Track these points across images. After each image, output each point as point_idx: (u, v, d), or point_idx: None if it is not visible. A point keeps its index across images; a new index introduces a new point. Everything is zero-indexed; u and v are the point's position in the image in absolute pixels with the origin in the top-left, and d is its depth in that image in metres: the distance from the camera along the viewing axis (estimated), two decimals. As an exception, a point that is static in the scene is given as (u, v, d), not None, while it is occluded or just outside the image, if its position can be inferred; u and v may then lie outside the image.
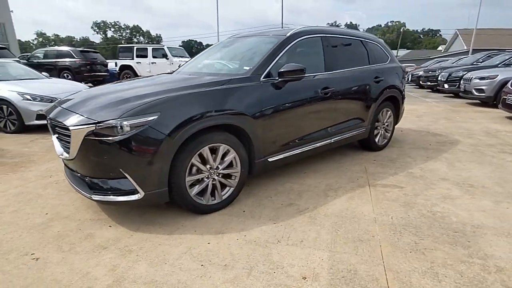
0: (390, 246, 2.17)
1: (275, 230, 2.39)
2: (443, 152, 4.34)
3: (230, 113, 2.55)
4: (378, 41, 4.34)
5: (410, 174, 3.52)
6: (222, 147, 2.59)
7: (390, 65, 4.34)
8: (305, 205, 2.78)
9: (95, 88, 2.97)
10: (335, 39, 3.66)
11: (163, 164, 2.27)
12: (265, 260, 2.03)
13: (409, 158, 4.07)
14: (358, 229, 2.39)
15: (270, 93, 2.87)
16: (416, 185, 3.20)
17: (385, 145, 4.49)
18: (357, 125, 3.86)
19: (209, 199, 2.63)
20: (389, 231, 2.35)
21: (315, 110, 3.28)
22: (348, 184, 3.25)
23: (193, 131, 2.35)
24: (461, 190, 3.07)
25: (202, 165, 2.52)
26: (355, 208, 2.73)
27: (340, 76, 3.53)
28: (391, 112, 4.39)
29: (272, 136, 2.92)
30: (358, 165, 3.84)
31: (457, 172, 3.56)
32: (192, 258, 2.06)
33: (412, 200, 2.87)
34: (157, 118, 2.22)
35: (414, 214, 2.61)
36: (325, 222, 2.49)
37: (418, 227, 2.41)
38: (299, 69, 2.87)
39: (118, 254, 2.12)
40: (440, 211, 2.65)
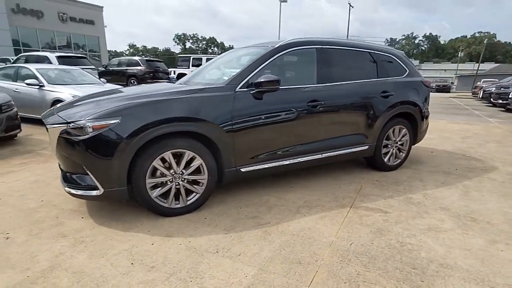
0: (327, 273, 2.00)
1: (222, 240, 2.37)
2: (466, 179, 3.81)
3: (193, 120, 2.62)
4: (393, 53, 4.02)
5: (408, 199, 3.17)
6: (187, 153, 2.67)
7: (406, 79, 3.98)
8: (268, 220, 2.71)
9: (90, 95, 3.29)
10: (335, 51, 3.50)
11: (122, 165, 2.44)
12: (191, 268, 2.04)
13: (419, 182, 3.66)
14: (306, 251, 2.25)
15: (246, 103, 2.87)
16: (405, 212, 2.88)
17: (398, 165, 4.11)
18: (358, 142, 3.62)
19: (172, 203, 2.72)
20: (338, 257, 2.17)
21: (300, 123, 3.17)
22: (330, 203, 3.06)
23: (152, 135, 2.48)
24: (456, 223, 2.68)
25: (165, 169, 2.62)
26: (319, 228, 2.57)
27: (334, 89, 3.36)
28: (406, 130, 4.00)
29: (245, 147, 2.91)
30: (355, 184, 3.58)
31: (466, 203, 3.10)
32: (128, 256, 2.17)
33: (388, 227, 2.59)
34: (118, 122, 2.40)
35: (380, 243, 2.36)
36: (276, 239, 2.40)
37: (374, 257, 2.17)
38: (275, 80, 2.83)
39: (70, 243, 2.32)
40: (412, 244, 2.35)
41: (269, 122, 2.98)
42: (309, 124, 3.24)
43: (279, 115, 3.03)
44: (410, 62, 4.15)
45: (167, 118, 2.52)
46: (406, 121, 4.00)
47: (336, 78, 3.44)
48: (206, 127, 2.67)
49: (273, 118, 3.00)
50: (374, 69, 3.76)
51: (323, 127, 3.32)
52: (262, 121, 2.94)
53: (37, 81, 6.85)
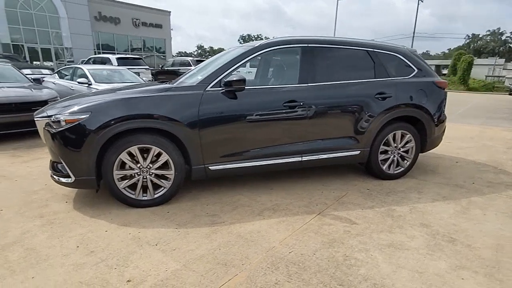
0: (245, 278, 1.96)
1: (168, 234, 2.46)
2: (478, 194, 3.32)
3: (156, 118, 2.74)
4: (399, 51, 3.65)
5: (389, 211, 2.90)
6: (153, 149, 2.81)
7: (412, 80, 3.60)
8: (225, 219, 2.71)
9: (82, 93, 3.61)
10: (324, 49, 3.32)
11: (89, 156, 2.67)
12: (123, 257, 2.16)
13: (416, 194, 3.30)
14: (240, 253, 2.22)
15: (215, 102, 2.91)
16: (375, 225, 2.64)
17: (401, 174, 3.74)
18: (346, 146, 3.40)
19: (140, 195, 2.89)
20: (267, 264, 2.10)
21: (274, 124, 3.09)
22: (299, 208, 2.95)
23: (117, 130, 2.66)
24: (426, 242, 2.38)
25: (132, 163, 2.80)
26: (269, 233, 2.50)
27: (317, 89, 3.20)
28: (410, 135, 3.63)
29: (213, 145, 2.94)
30: (341, 190, 3.37)
31: (457, 221, 2.72)
32: (79, 240, 2.38)
33: (344, 239, 2.41)
34: (87, 117, 2.64)
35: (323, 254, 2.22)
36: (219, 239, 2.40)
37: (305, 268, 2.06)
38: (240, 79, 2.82)
39: (41, 223, 2.62)
40: (358, 259, 2.16)
41: (240, 122, 2.98)
42: (285, 125, 3.14)
43: (251, 115, 3.00)
44: (421, 61, 3.74)
45: (130, 115, 2.68)
46: (411, 126, 3.62)
47: (322, 78, 3.27)
48: (170, 124, 2.78)
49: (244, 118, 2.98)
50: (371, 68, 3.48)
51: (302, 129, 3.19)
52: (231, 120, 2.95)
53: (87, 79, 7.70)
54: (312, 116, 3.18)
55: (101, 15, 30.94)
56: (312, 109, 3.16)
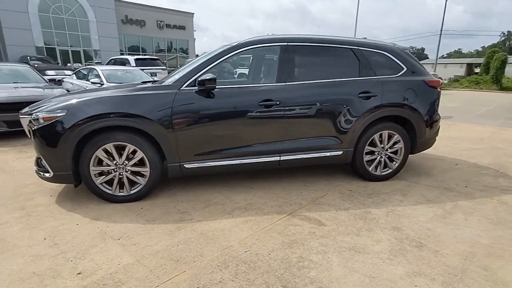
0: (191, 275, 1.97)
1: (133, 230, 2.52)
2: (467, 198, 3.14)
3: (129, 116, 2.81)
4: (387, 49, 3.51)
5: (364, 214, 2.80)
6: (128, 147, 2.88)
7: (400, 79, 3.46)
8: (194, 217, 2.74)
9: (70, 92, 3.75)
10: (304, 48, 3.27)
11: (66, 152, 2.78)
12: (83, 250, 2.24)
13: (399, 197, 3.17)
14: (195, 251, 2.23)
15: (189, 101, 2.94)
16: (343, 227, 2.56)
17: (389, 176, 3.61)
18: (328, 146, 3.32)
19: (116, 191, 2.97)
20: (218, 262, 2.10)
21: (249, 122, 3.08)
22: (271, 207, 2.92)
23: (92, 128, 2.76)
24: (391, 246, 2.28)
25: (108, 160, 2.89)
26: (232, 232, 2.49)
27: (295, 88, 3.15)
28: (398, 136, 3.49)
29: (188, 143, 2.98)
30: (321, 191, 3.30)
31: (433, 226, 2.58)
32: (49, 232, 2.48)
33: (305, 241, 2.36)
34: (64, 115, 2.75)
35: (278, 255, 2.18)
36: (181, 236, 2.43)
37: (255, 268, 2.04)
38: (211, 78, 2.83)
39: (20, 215, 2.76)
40: (312, 261, 2.11)
41: (214, 121, 2.99)
42: (261, 124, 3.12)
43: (225, 114, 3.01)
44: (411, 59, 3.58)
45: (104, 113, 2.76)
46: (399, 126, 3.48)
47: (302, 77, 3.22)
48: (143, 122, 2.83)
49: (218, 117, 3.00)
50: (355, 67, 3.38)
51: (279, 128, 3.15)
52: (205, 119, 2.97)
53: (99, 80, 8.02)
54: (289, 115, 3.13)
55: (127, 18, 32.02)
56: (289, 108, 3.12)
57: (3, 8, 24.68)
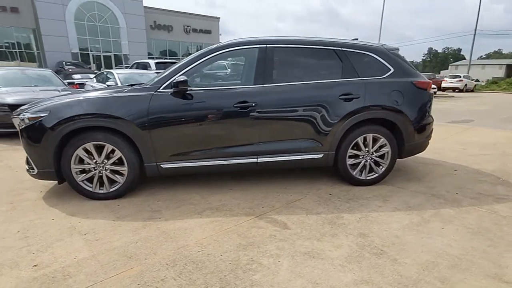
0: (137, 272, 2.02)
1: (102, 226, 2.61)
2: (453, 206, 2.96)
3: (106, 117, 2.92)
4: (373, 50, 3.39)
5: (335, 219, 2.72)
6: (107, 146, 3.00)
7: (387, 80, 3.33)
8: (164, 215, 2.79)
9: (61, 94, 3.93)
10: (284, 50, 3.24)
11: (48, 150, 2.93)
12: (48, 244, 2.34)
13: (380, 202, 3.04)
14: (151, 248, 2.28)
15: (165, 103, 3.00)
16: (307, 232, 2.51)
17: (375, 180, 3.47)
18: (307, 149, 3.26)
19: (96, 188, 3.10)
20: (168, 260, 2.13)
21: (225, 124, 3.09)
22: (242, 209, 2.91)
23: (72, 128, 2.89)
24: (349, 253, 2.20)
25: (88, 158, 3.02)
26: (194, 232, 2.52)
27: (272, 90, 3.13)
28: (384, 139, 3.36)
29: (164, 144, 3.04)
30: (299, 194, 3.25)
31: (402, 233, 2.46)
32: (25, 225, 2.63)
33: (263, 244, 2.34)
34: (46, 116, 2.91)
35: (229, 256, 2.18)
36: (144, 233, 2.48)
37: (201, 268, 2.05)
38: (183, 80, 2.88)
39: (6, 209, 2.95)
40: (261, 264, 2.09)
41: (189, 122, 3.04)
42: (237, 126, 3.12)
43: (200, 115, 3.05)
44: (399, 60, 3.44)
45: (82, 114, 2.89)
46: (385, 129, 3.35)
47: (280, 79, 3.19)
48: (120, 123, 2.94)
49: (194, 119, 3.04)
50: (338, 68, 3.30)
51: (256, 130, 3.14)
52: (181, 121, 3.03)
53: (114, 82, 8.38)
54: (265, 117, 3.12)
55: (155, 24, 33.18)
56: (265, 110, 3.10)
57: (43, 17, 26.44)
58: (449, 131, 6.83)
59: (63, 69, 21.75)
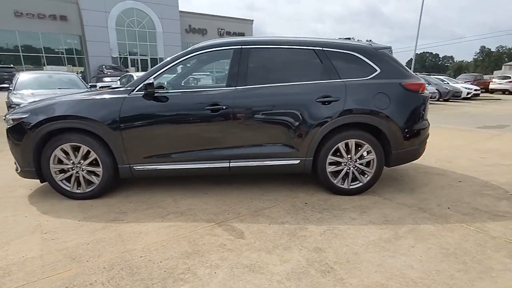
0: (73, 274, 2.02)
1: (65, 225, 2.67)
2: (437, 223, 2.65)
3: (80, 119, 2.99)
4: (357, 49, 3.15)
5: (297, 230, 2.55)
6: (82, 147, 3.08)
7: (371, 82, 3.08)
8: (127, 218, 2.79)
9: None
10: (260, 51, 3.12)
11: (27, 150, 3.06)
12: (8, 240, 2.43)
13: (355, 214, 2.81)
14: (99, 250, 2.28)
15: (137, 105, 3.01)
16: (261, 242, 2.37)
17: (360, 190, 3.22)
18: (283, 154, 3.11)
19: (74, 188, 3.20)
20: (108, 264, 2.11)
21: (196, 127, 3.04)
22: (207, 215, 2.84)
23: (49, 129, 3.00)
24: (294, 269, 2.04)
25: (65, 159, 3.12)
26: (148, 236, 2.49)
27: (245, 92, 3.02)
28: (369, 146, 3.11)
29: (136, 146, 3.06)
30: (273, 201, 3.10)
31: (364, 250, 2.24)
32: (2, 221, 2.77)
33: (208, 252, 2.25)
34: (27, 117, 3.05)
35: (169, 263, 2.11)
36: (99, 235, 2.50)
37: (134, 274, 2.01)
38: (150, 83, 2.88)
39: (-8, 204, 3.13)
40: (196, 274, 2.00)
41: (160, 125, 3.03)
42: (208, 129, 3.06)
43: (171, 118, 3.03)
44: (388, 60, 3.16)
45: (57, 116, 2.99)
46: (368, 135, 3.10)
47: (254, 81, 3.08)
48: (93, 125, 3.00)
49: (165, 121, 3.03)
50: (317, 69, 3.12)
51: (227, 134, 3.05)
52: (152, 123, 3.03)
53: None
54: (237, 120, 3.02)
55: (190, 28, 34.18)
56: (237, 113, 3.01)
57: (88, 24, 28.35)
58: (474, 137, 6.23)
59: (103, 72, 23.16)
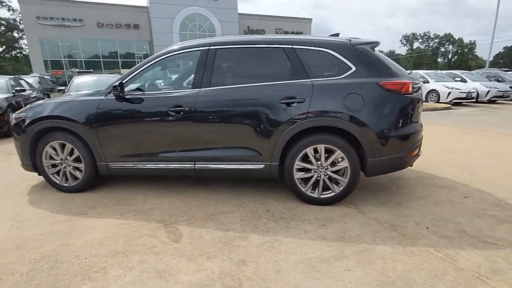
0: (3, 263, 2.21)
1: (38, 216, 2.90)
2: (401, 245, 2.26)
3: (62, 119, 3.24)
4: (331, 46, 2.84)
5: (237, 239, 2.42)
6: (67, 145, 3.36)
7: (343, 81, 2.76)
8: (92, 213, 2.94)
9: None
10: (228, 51, 3.03)
11: (25, 145, 3.43)
12: (-14, 225, 2.77)
13: (311, 227, 2.55)
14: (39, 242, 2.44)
15: (110, 107, 3.15)
16: (191, 248, 2.30)
17: (332, 200, 2.92)
18: (246, 158, 2.98)
19: (62, 181, 3.49)
20: (36, 255, 2.26)
21: (162, 129, 3.08)
22: (163, 215, 2.85)
23: (38, 128, 3.32)
24: (203, 280, 1.93)
25: (55, 155, 3.43)
26: (96, 230, 2.59)
27: (208, 94, 2.95)
28: (341, 152, 2.80)
29: (109, 145, 3.21)
30: (236, 206, 2.99)
31: (292, 268, 2.02)
32: (-7, 208, 3.16)
33: (133, 253, 2.25)
34: (23, 118, 3.42)
35: (89, 261, 2.17)
36: (57, 228, 2.67)
37: (55, 268, 2.11)
38: (116, 85, 3.00)
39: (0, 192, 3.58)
40: (104, 272, 2.02)
41: (129, 125, 3.14)
42: (173, 131, 3.07)
43: (139, 120, 3.12)
44: (368, 57, 2.80)
45: (42, 116, 3.29)
46: (340, 140, 2.79)
47: (218, 82, 3.00)
48: (73, 125, 3.23)
49: (133, 123, 3.13)
50: (285, 68, 2.91)
51: (191, 135, 3.02)
52: (122, 124, 3.15)
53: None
54: (199, 122, 2.98)
55: (249, 29, 34.87)
56: (200, 115, 2.96)
57: (156, 31, 30.77)
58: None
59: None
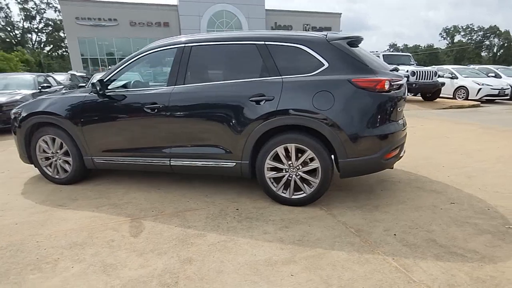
0: None
1: (23, 205, 3.06)
2: (358, 251, 2.13)
3: (51, 114, 3.40)
4: (304, 41, 2.71)
5: (194, 237, 2.41)
6: (57, 140, 3.52)
7: (313, 78, 2.64)
8: (71, 205, 3.05)
9: None
10: (202, 48, 3.01)
11: (20, 139, 3.65)
12: (-25, 212, 2.98)
13: (272, 228, 2.49)
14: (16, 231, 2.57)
15: (92, 104, 3.27)
16: (145, 244, 2.32)
17: (303, 201, 2.83)
18: (217, 156, 2.96)
19: (54, 174, 3.67)
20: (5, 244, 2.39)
21: (138, 125, 3.14)
22: (135, 210, 2.90)
23: (30, 123, 3.51)
24: (141, 276, 1.95)
25: (47, 149, 3.61)
26: (68, 223, 2.69)
27: (180, 91, 2.95)
28: (311, 152, 2.70)
29: (93, 140, 3.32)
30: (206, 204, 2.98)
31: (235, 269, 1.97)
32: (-12, 196, 3.39)
33: (91, 246, 2.31)
34: (19, 113, 3.63)
35: (48, 252, 2.26)
36: (34, 218, 2.80)
37: (13, 256, 2.22)
38: (93, 82, 3.08)
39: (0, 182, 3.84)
40: (54, 264, 2.10)
41: (109, 122, 3.24)
42: (149, 127, 3.11)
43: (118, 116, 3.20)
44: (343, 52, 2.65)
45: (33, 112, 3.47)
46: (310, 140, 2.69)
47: (193, 80, 3.00)
48: (60, 120, 3.37)
49: (113, 119, 3.22)
50: (257, 65, 2.83)
51: (165, 132, 3.05)
52: (102, 120, 3.25)
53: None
54: (172, 119, 3.00)
55: (276, 25, 34.65)
56: (172, 112, 2.98)
57: (184, 28, 31.42)
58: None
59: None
